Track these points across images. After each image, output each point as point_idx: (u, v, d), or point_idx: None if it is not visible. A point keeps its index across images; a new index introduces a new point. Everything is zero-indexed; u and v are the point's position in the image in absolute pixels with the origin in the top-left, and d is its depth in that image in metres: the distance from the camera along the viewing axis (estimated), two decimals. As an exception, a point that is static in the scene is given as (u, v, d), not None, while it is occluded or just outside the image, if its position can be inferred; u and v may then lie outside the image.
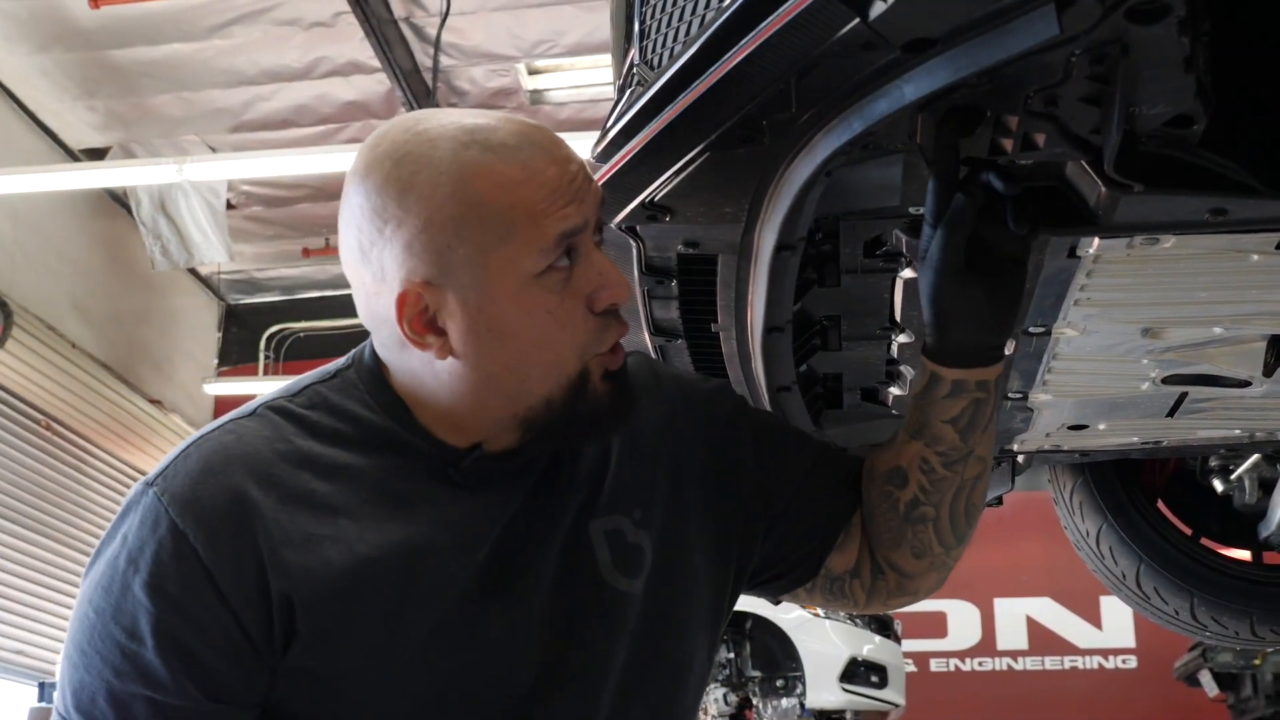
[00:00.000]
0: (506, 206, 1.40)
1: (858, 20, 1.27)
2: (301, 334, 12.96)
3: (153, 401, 11.37)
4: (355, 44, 9.40)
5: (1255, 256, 1.77)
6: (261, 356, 12.90)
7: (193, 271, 12.33)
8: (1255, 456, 3.68)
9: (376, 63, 9.60)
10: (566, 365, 1.46)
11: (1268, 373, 2.16)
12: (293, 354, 12.89)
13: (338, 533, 1.42)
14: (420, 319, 1.43)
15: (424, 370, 1.48)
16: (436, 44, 9.31)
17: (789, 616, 9.23)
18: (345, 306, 14.11)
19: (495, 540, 1.49)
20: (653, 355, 2.16)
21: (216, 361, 12.98)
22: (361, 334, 1.60)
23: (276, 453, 1.45)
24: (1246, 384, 2.24)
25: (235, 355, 13.03)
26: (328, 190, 11.57)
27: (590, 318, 1.46)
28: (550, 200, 1.41)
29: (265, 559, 1.38)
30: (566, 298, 1.44)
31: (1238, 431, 2.68)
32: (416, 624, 1.43)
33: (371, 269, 1.45)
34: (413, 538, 1.45)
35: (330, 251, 12.79)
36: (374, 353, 1.56)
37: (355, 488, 1.46)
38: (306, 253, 12.68)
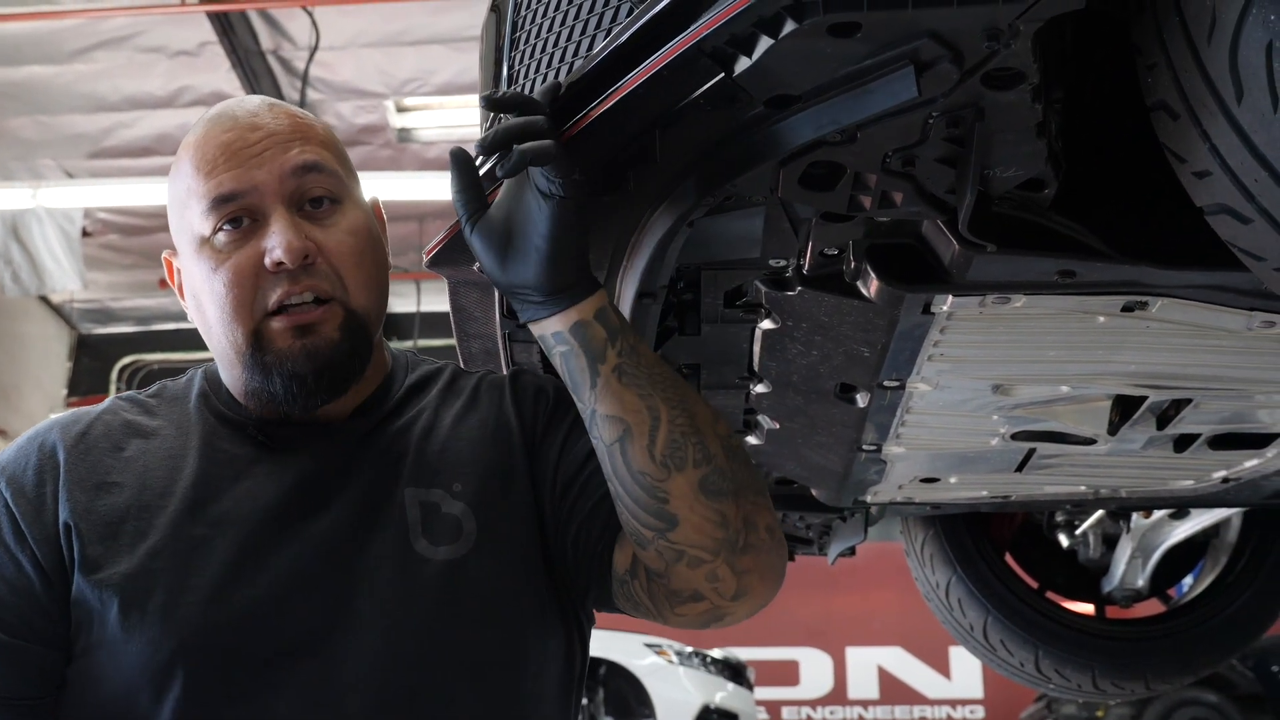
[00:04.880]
0: (188, 173, 1.51)
1: (723, 75, 1.29)
2: (155, 366, 12.73)
3: (-3, 431, 11.07)
4: (221, 75, 9.28)
5: (1102, 318, 1.81)
6: (113, 387, 12.63)
7: (44, 299, 12.04)
8: (1099, 513, 3.77)
9: (242, 94, 9.47)
10: (240, 321, 1.49)
11: (1112, 431, 2.21)
12: (146, 385, 12.65)
13: (131, 480, 1.51)
14: (180, 288, 1.59)
15: None
16: (304, 78, 9.23)
17: (643, 663, 9.23)
18: (201, 339, 13.85)
19: (288, 493, 1.51)
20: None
21: (66, 391, 12.68)
22: (217, 369, 1.63)
23: (99, 419, 1.58)
24: (1092, 441, 2.30)
25: (86, 385, 12.74)
26: (188, 221, 11.36)
27: (263, 275, 1.48)
28: (212, 165, 1.49)
29: (60, 495, 1.49)
30: (237, 254, 1.48)
31: (1083, 488, 2.74)
32: (197, 564, 1.45)
33: None
34: (198, 484, 1.51)
35: (188, 283, 12.56)
36: None
37: (162, 446, 1.56)
38: (163, 284, 12.43)
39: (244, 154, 1.48)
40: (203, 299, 1.51)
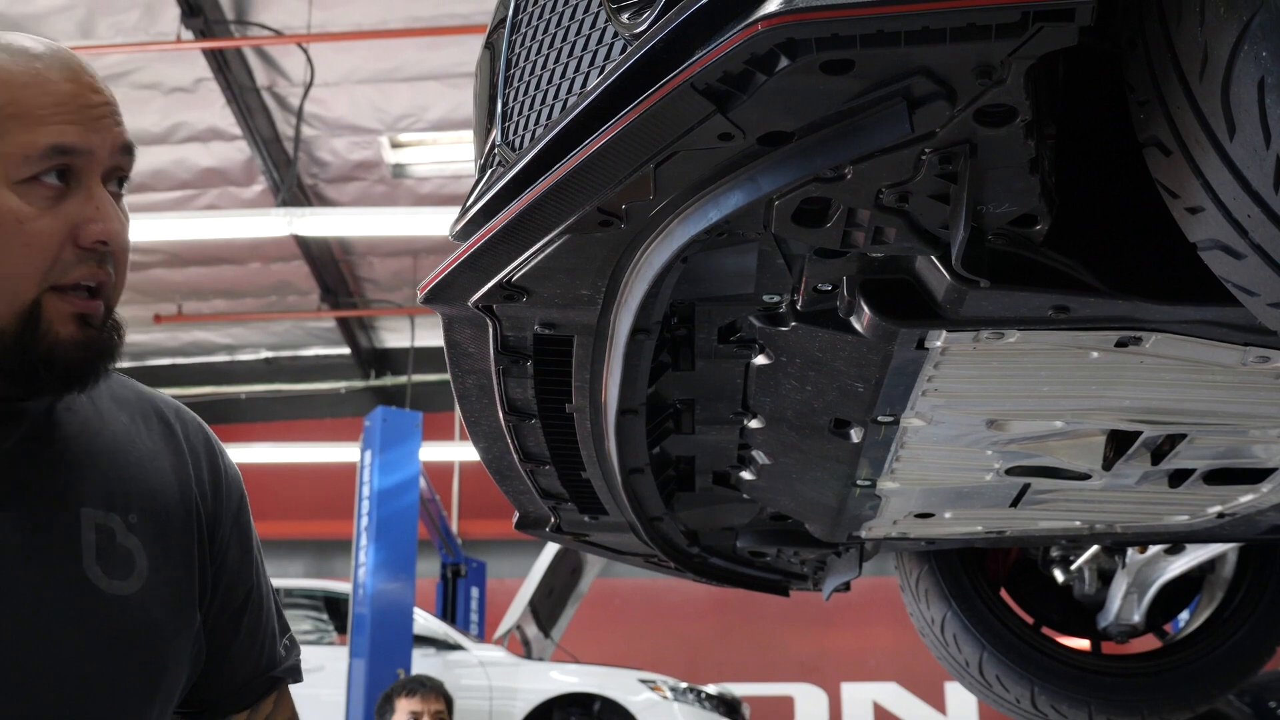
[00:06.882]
0: (3, 103, 1.36)
1: (716, 112, 1.29)
2: (150, 402, 12.70)
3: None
4: (216, 110, 9.31)
5: (1095, 353, 1.81)
6: (107, 423, 12.58)
7: (39, 334, 12.02)
8: (1094, 548, 3.76)
9: (237, 130, 9.51)
10: (21, 289, 1.36)
11: (1107, 466, 2.21)
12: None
13: None
14: None
15: None
16: (299, 114, 9.26)
17: (638, 699, 9.21)
18: (197, 374, 13.89)
19: None
20: (506, 435, 2.15)
21: (59, 427, 12.64)
22: (216, 404, 1.58)
23: None
24: (1086, 477, 2.29)
25: (79, 421, 12.70)
26: (182, 256, 11.39)
27: (69, 249, 1.37)
28: (53, 111, 1.37)
29: None
30: (47, 217, 1.36)
31: (1078, 523, 2.74)
32: None
33: None
34: None
35: (183, 318, 12.58)
36: None
37: None
38: (158, 319, 12.45)
39: (86, 113, 1.38)
40: None
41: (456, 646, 9.82)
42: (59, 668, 1.39)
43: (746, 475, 2.40)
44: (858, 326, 1.75)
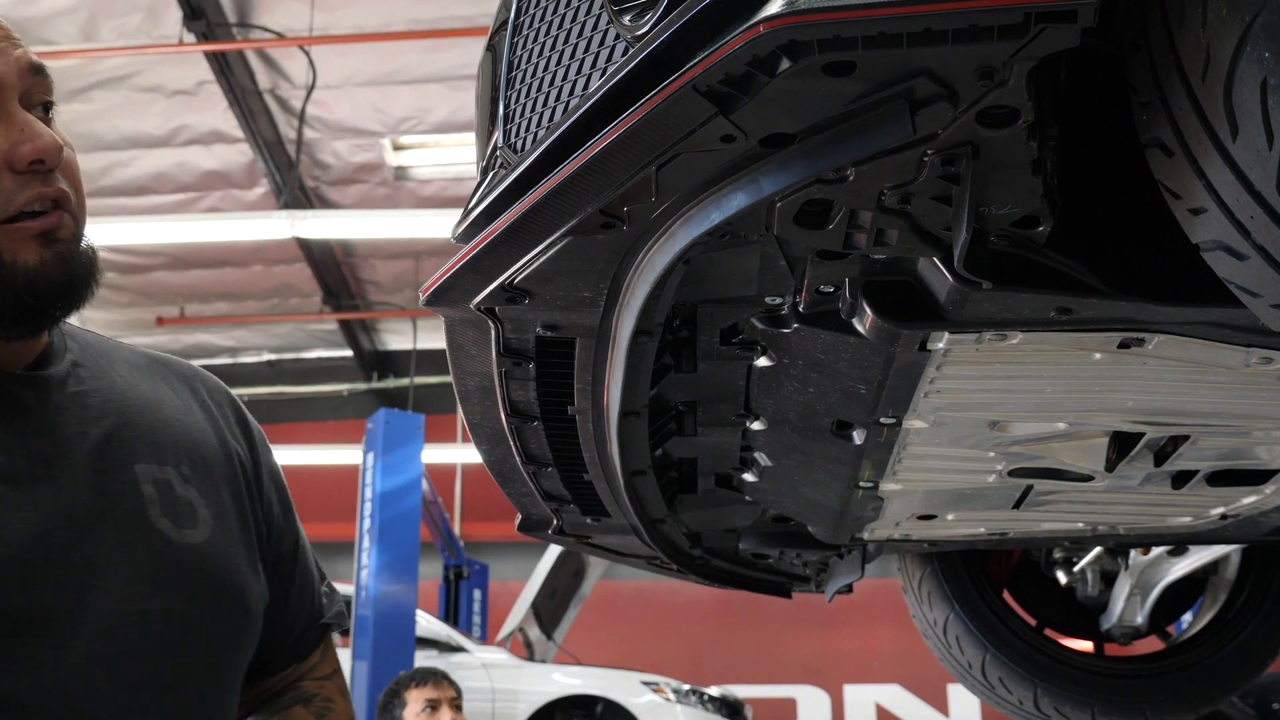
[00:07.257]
0: None
1: (718, 114, 1.29)
2: (152, 404, 12.71)
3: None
4: (218, 113, 9.31)
5: (1098, 355, 1.81)
6: (110, 426, 12.60)
7: (41, 337, 12.04)
8: (1097, 550, 3.76)
9: (239, 132, 9.51)
10: None
11: (1110, 468, 2.21)
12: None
13: None
14: None
15: None
16: (301, 116, 9.26)
17: (640, 701, 9.21)
18: (199, 377, 13.87)
19: (8, 450, 1.35)
20: (508, 437, 2.15)
21: (62, 430, 12.66)
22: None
23: None
24: (1089, 478, 2.29)
25: (82, 424, 12.71)
26: (184, 259, 11.40)
27: (6, 177, 1.34)
28: None
29: None
30: None
31: (1081, 525, 2.73)
32: None
33: None
34: None
35: (185, 320, 12.58)
36: None
37: None
38: (160, 321, 12.45)
39: None
40: None
41: (459, 648, 9.83)
42: (153, 620, 1.39)
43: (749, 477, 2.40)
44: (860, 328, 1.74)
